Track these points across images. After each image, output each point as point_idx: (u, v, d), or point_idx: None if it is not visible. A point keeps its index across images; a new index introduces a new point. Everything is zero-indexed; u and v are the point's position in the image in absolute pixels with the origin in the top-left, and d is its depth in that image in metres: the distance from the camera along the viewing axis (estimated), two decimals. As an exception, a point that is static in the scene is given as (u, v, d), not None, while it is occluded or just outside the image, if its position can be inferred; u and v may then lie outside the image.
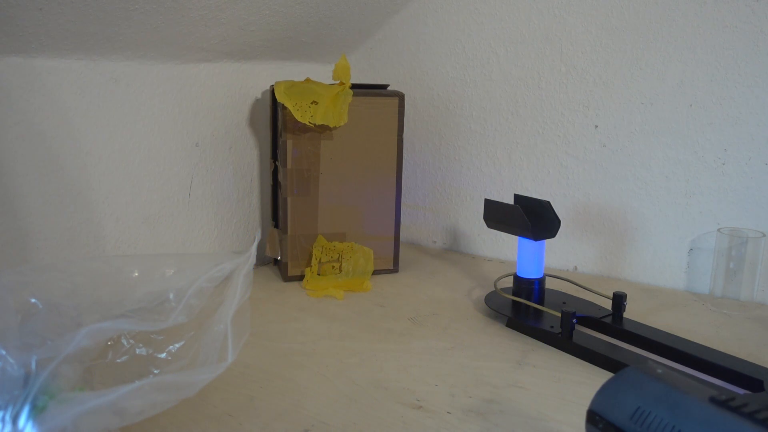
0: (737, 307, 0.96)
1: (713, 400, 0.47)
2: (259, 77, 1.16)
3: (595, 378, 0.75)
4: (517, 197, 0.94)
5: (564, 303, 0.93)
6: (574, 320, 0.82)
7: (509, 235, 0.91)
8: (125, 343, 0.67)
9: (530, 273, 0.92)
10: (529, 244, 0.91)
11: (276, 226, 1.14)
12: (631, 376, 0.55)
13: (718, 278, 0.99)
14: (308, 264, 1.07)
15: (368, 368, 0.77)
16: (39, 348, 0.55)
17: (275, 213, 1.14)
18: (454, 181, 1.26)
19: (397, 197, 1.11)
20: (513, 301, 0.93)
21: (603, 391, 0.55)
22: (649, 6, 1.02)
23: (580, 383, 0.74)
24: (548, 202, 0.91)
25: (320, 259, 1.07)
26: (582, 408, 0.68)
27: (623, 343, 0.83)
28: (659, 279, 1.08)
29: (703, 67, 1.00)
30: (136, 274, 0.70)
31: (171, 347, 0.67)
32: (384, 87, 1.12)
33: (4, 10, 0.74)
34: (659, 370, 0.53)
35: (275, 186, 1.13)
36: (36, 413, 0.52)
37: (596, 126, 1.10)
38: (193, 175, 1.06)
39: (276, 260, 1.15)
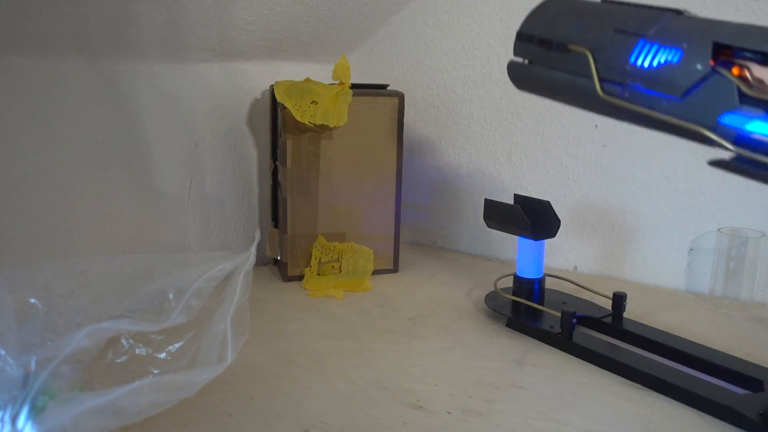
0: (737, 307, 0.96)
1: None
2: (259, 77, 1.16)
3: (596, 378, 0.75)
4: (517, 197, 0.94)
5: (564, 303, 0.92)
6: (574, 320, 0.82)
7: (509, 234, 0.91)
8: (125, 343, 0.67)
9: (530, 273, 0.92)
10: (529, 244, 0.91)
11: (276, 226, 1.14)
12: (555, 2, 0.66)
13: (718, 278, 0.98)
14: (308, 264, 1.07)
15: (368, 368, 0.77)
16: (38, 348, 0.55)
17: (275, 213, 1.14)
18: (454, 181, 1.26)
19: (397, 197, 1.11)
20: (513, 301, 0.93)
21: (531, 16, 0.66)
22: (649, 6, 1.02)
23: (580, 383, 0.74)
24: (548, 202, 0.91)
25: (320, 259, 1.07)
26: (582, 408, 0.69)
27: (623, 343, 0.83)
28: (659, 279, 1.08)
29: (703, 66, 0.99)
30: (136, 274, 0.70)
31: (170, 347, 0.67)
32: (384, 87, 1.12)
33: (3, 10, 0.74)
34: None
35: (275, 186, 1.13)
36: (35, 413, 0.52)
37: (596, 126, 1.10)
38: (192, 175, 1.06)
39: (276, 260, 1.15)
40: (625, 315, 0.88)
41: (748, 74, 0.53)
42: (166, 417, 0.64)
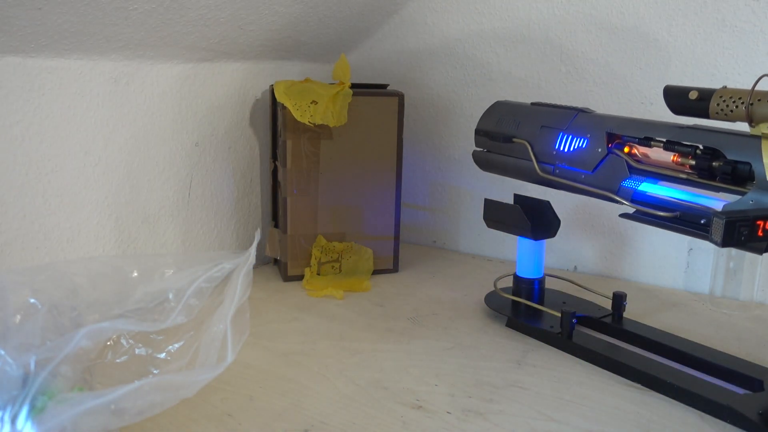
0: (737, 307, 0.96)
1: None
2: (259, 77, 1.16)
3: (595, 378, 0.75)
4: (517, 197, 0.94)
5: (564, 303, 0.92)
6: (573, 320, 0.82)
7: (509, 234, 0.91)
8: (125, 343, 0.67)
9: (530, 273, 0.92)
10: (528, 243, 0.91)
11: (276, 226, 1.14)
12: (499, 106, 0.90)
13: (717, 278, 0.98)
14: (308, 264, 1.07)
15: (368, 368, 0.77)
16: (38, 348, 0.55)
17: (275, 213, 1.14)
18: (454, 181, 1.26)
19: (397, 197, 1.11)
20: (513, 301, 0.93)
21: (483, 117, 0.91)
22: (649, 6, 1.02)
23: (579, 383, 0.74)
24: (548, 202, 0.91)
25: (320, 259, 1.07)
26: (582, 408, 0.69)
27: (623, 343, 0.83)
28: (659, 279, 1.08)
29: (703, 67, 1.00)
30: (136, 274, 0.70)
31: (170, 347, 0.67)
32: (384, 87, 1.12)
33: (3, 10, 0.74)
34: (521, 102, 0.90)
35: (275, 186, 1.13)
36: (35, 414, 0.52)
37: (596, 126, 1.10)
38: (192, 174, 1.06)
39: (276, 260, 1.15)
40: (624, 315, 0.88)
41: (636, 151, 0.75)
42: (166, 417, 0.64)
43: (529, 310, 0.90)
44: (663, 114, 1.04)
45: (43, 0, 0.76)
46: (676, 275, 1.06)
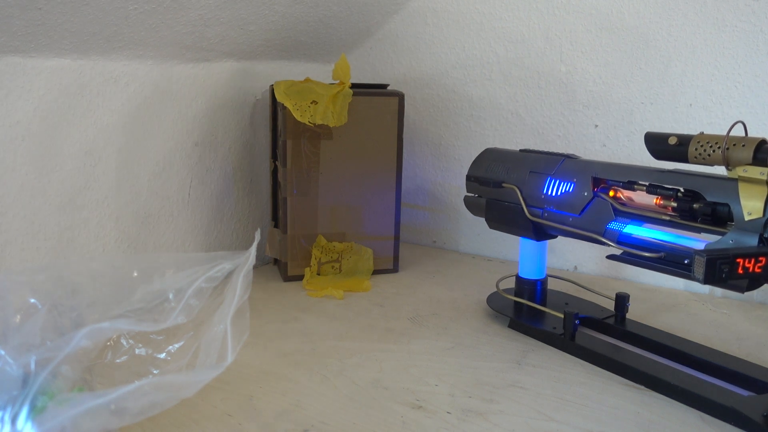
0: (737, 307, 0.96)
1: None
2: (259, 77, 1.16)
3: (596, 378, 0.75)
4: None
5: (566, 304, 0.92)
6: (576, 321, 0.82)
7: (509, 235, 0.92)
8: (125, 343, 0.66)
9: (532, 274, 0.92)
10: (531, 244, 0.90)
11: (276, 226, 1.14)
12: (488, 153, 0.94)
13: (718, 278, 0.98)
14: (308, 264, 1.07)
15: (368, 368, 0.77)
16: (38, 348, 0.55)
17: (275, 213, 1.14)
18: (454, 181, 1.26)
19: (397, 197, 1.10)
20: (515, 302, 0.92)
21: (473, 163, 0.94)
22: (649, 6, 1.02)
23: (580, 383, 0.74)
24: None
25: (320, 259, 1.07)
26: (582, 408, 0.68)
27: (626, 344, 0.83)
28: (659, 279, 1.08)
29: (703, 67, 1.00)
30: (136, 274, 0.70)
31: (170, 347, 0.67)
32: (384, 87, 1.12)
33: (3, 10, 0.74)
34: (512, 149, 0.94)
35: (275, 186, 1.13)
36: (35, 413, 0.52)
37: (596, 126, 1.10)
38: (192, 174, 1.06)
39: (276, 260, 1.14)
40: (626, 316, 0.88)
41: (620, 194, 0.78)
42: (166, 417, 0.64)
43: (531, 311, 0.90)
44: (662, 114, 1.04)
45: (43, 0, 0.76)
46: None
